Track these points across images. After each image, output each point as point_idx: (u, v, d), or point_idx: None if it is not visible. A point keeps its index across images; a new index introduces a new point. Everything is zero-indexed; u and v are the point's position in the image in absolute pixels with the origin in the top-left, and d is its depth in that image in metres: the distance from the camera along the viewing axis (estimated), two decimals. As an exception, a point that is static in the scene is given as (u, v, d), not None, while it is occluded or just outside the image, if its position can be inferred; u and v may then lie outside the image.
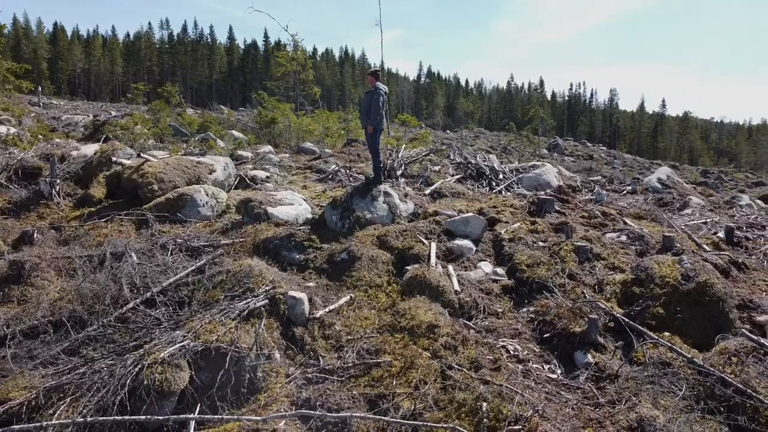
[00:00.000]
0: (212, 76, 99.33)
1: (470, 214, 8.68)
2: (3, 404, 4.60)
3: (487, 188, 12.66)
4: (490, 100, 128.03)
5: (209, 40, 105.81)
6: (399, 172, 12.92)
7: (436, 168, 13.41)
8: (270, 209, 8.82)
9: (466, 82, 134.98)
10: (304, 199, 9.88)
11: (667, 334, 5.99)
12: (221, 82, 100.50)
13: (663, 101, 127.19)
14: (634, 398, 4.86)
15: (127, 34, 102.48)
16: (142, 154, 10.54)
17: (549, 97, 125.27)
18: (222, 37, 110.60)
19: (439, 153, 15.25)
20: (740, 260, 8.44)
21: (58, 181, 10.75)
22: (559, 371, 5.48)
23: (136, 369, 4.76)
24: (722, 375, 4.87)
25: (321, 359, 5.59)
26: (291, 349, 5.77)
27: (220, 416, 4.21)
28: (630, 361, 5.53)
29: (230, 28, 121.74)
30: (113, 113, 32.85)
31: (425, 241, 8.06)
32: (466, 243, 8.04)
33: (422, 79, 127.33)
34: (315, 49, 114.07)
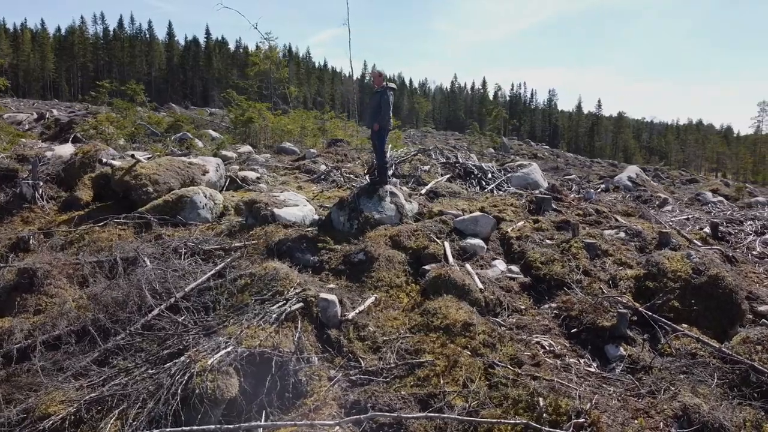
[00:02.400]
0: (151, 73, 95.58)
1: (478, 213, 8.81)
2: (44, 420, 4.38)
3: (477, 187, 12.84)
4: (434, 100, 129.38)
5: (147, 35, 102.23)
6: (390, 172, 12.94)
7: (426, 168, 13.51)
8: (276, 211, 8.68)
9: (410, 81, 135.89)
10: (308, 200, 9.77)
11: (685, 325, 6.27)
12: (161, 79, 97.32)
13: (599, 102, 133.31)
14: (672, 388, 5.07)
15: (58, 29, 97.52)
16: (135, 155, 10.15)
17: (491, 97, 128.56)
18: (161, 34, 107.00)
19: (426, 153, 15.36)
20: (731, 254, 8.92)
21: (41, 183, 10.23)
22: (594, 364, 5.65)
23: (185, 378, 4.61)
24: (752, 363, 5.14)
25: (361, 361, 5.56)
26: (328, 352, 5.71)
27: (294, 422, 4.13)
28: (659, 352, 5.76)
29: (169, 24, 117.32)
30: (54, 111, 31.29)
31: (438, 241, 8.12)
32: (478, 242, 8.15)
33: (367, 78, 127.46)
34: (258, 47, 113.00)
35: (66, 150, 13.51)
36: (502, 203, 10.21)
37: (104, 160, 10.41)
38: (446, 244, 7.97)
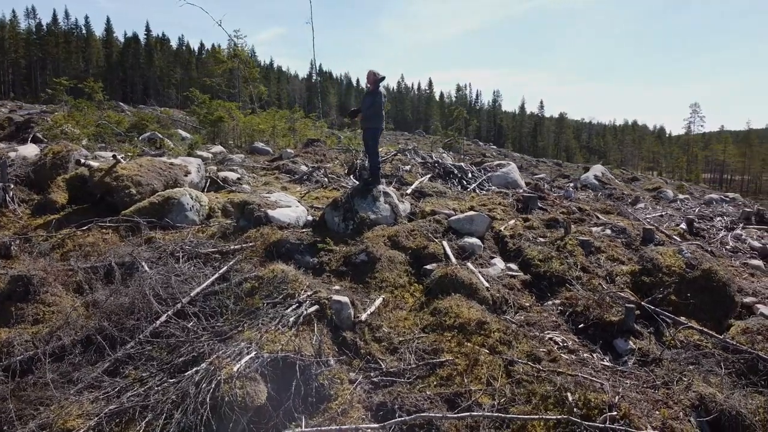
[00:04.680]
0: (88, 70, 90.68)
1: (472, 212, 8.89)
2: (65, 435, 4.13)
3: (459, 187, 12.97)
4: None
5: (84, 31, 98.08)
6: (372, 172, 12.90)
7: (407, 167, 13.54)
8: (270, 212, 8.50)
9: (357, 81, 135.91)
10: (299, 202, 9.62)
11: (683, 318, 6.53)
12: (99, 76, 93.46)
13: (541, 103, 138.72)
14: (684, 379, 5.27)
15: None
16: (116, 155, 9.71)
17: (437, 97, 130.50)
18: (98, 29, 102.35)
19: (402, 153, 15.38)
20: (709, 249, 9.34)
21: (11, 185, 9.66)
22: (606, 358, 5.80)
23: (212, 385, 4.45)
24: (758, 353, 5.40)
25: (381, 362, 5.51)
26: (345, 354, 5.63)
27: (338, 428, 4.04)
28: (666, 345, 5.97)
29: (108, 20, 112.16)
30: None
31: (436, 240, 8.15)
32: (475, 241, 8.23)
33: (314, 77, 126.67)
34: (202, 45, 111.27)
35: (30, 150, 12.84)
36: (490, 202, 10.35)
37: (82, 161, 9.92)
38: (445, 243, 8.01)
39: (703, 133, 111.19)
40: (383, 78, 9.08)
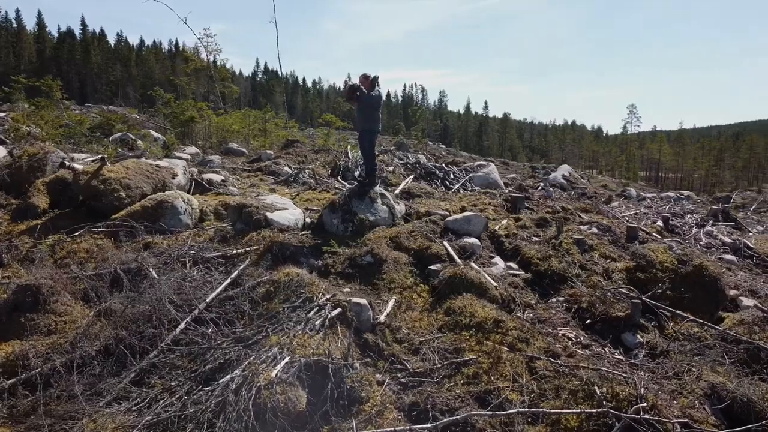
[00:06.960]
0: (20, 66, 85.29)
1: (469, 213, 9.06)
2: (105, 449, 4.01)
3: (442, 187, 13.16)
4: (327, 99, 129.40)
5: (15, 25, 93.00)
6: (357, 173, 12.98)
7: (390, 168, 13.63)
8: (269, 215, 8.42)
9: (304, 80, 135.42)
10: (294, 204, 9.55)
11: (679, 311, 6.88)
12: (31, 73, 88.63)
13: (486, 103, 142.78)
14: (694, 369, 5.58)
15: None
16: (104, 157, 9.36)
17: (384, 96, 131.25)
18: (30, 24, 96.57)
19: (382, 153, 15.47)
20: (686, 245, 9.83)
21: (-12, 189, 9.20)
22: (617, 352, 6.06)
23: (253, 392, 4.41)
24: (758, 343, 5.76)
25: (405, 363, 5.58)
26: (369, 356, 5.67)
27: (393, 429, 4.08)
28: (671, 338, 6.29)
29: (39, 14, 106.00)
30: None
31: (436, 241, 8.27)
32: (474, 241, 8.40)
33: (259, 76, 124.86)
34: (142, 41, 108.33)
35: (-2, 152, 12.23)
36: (480, 203, 10.56)
37: (66, 163, 9.52)
38: (446, 244, 8.13)
39: (638, 133, 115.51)
40: (376, 77, 9.07)
